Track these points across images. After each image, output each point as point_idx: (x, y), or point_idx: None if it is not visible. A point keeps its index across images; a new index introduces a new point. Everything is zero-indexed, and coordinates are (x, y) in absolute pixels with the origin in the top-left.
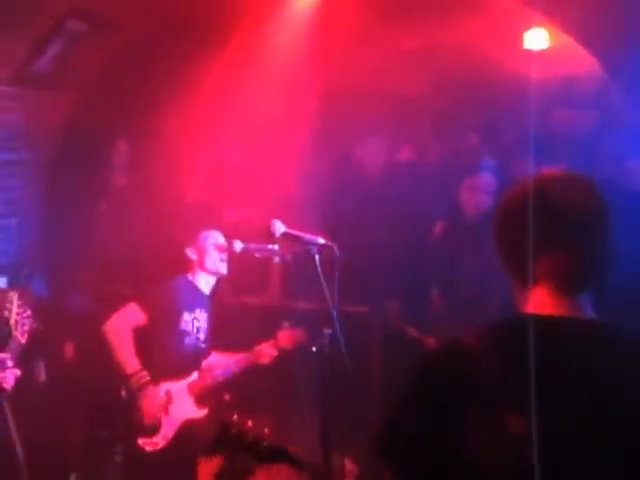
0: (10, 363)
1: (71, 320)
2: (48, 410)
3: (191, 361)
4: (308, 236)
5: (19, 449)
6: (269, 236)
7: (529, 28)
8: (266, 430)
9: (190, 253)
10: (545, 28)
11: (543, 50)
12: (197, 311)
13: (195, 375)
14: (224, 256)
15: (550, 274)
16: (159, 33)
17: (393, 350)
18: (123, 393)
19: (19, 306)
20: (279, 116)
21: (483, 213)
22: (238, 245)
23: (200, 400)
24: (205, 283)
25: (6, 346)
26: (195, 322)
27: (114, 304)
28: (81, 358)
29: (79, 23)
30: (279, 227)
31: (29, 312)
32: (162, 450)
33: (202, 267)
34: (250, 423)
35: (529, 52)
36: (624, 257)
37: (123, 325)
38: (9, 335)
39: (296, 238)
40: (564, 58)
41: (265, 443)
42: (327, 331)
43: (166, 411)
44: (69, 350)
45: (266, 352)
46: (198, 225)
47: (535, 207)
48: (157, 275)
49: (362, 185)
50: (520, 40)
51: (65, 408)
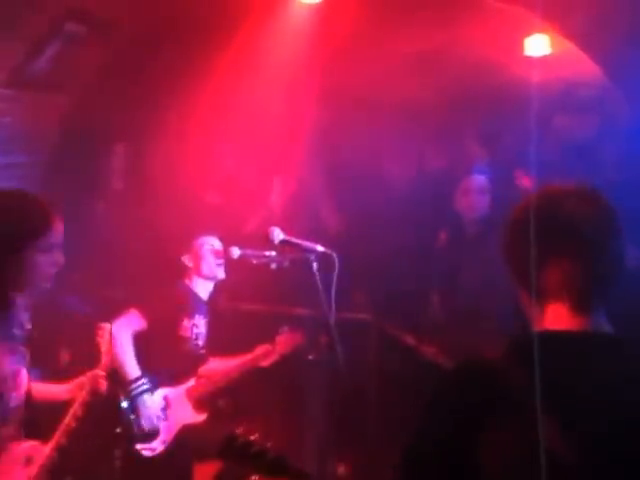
0: None
1: (67, 324)
2: None
3: (190, 367)
4: (307, 243)
5: None
6: (268, 243)
7: (530, 34)
8: (269, 444)
9: (186, 260)
10: (546, 34)
11: (544, 56)
12: (196, 317)
13: (193, 381)
14: (221, 261)
15: (566, 289)
16: (158, 35)
17: (390, 358)
18: (122, 399)
19: None
20: (280, 118)
21: (480, 217)
22: (235, 251)
23: (198, 405)
24: (203, 289)
25: None
26: (194, 328)
27: (110, 309)
28: (77, 363)
29: (77, 25)
30: (278, 234)
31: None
32: (160, 455)
33: (199, 273)
34: (255, 436)
35: (530, 58)
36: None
37: (124, 331)
38: None
39: (295, 245)
40: (565, 64)
41: (269, 456)
42: (324, 339)
43: (165, 416)
44: (64, 355)
45: (265, 355)
46: (195, 230)
47: (548, 222)
48: (154, 280)
49: (364, 192)
50: (521, 46)
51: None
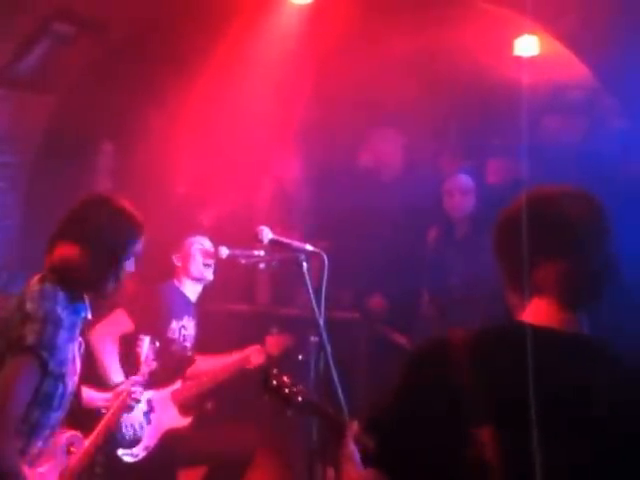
0: None
1: None
2: None
3: (176, 369)
4: (296, 243)
5: None
6: (257, 243)
7: (520, 35)
8: (300, 386)
9: (175, 259)
10: (536, 35)
11: (534, 57)
12: (185, 318)
13: (179, 383)
14: (210, 262)
15: (556, 287)
16: (146, 35)
17: (380, 357)
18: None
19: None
20: (269, 118)
21: (467, 216)
22: (224, 251)
23: (184, 409)
24: (191, 290)
25: None
26: (182, 330)
27: (96, 309)
28: None
29: (65, 25)
30: (267, 234)
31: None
32: (144, 460)
33: (187, 274)
34: (286, 378)
35: (519, 59)
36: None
37: (110, 333)
38: None
39: (284, 245)
40: (555, 65)
41: (299, 398)
42: (314, 339)
43: (148, 420)
44: None
45: (254, 356)
46: (185, 230)
47: (540, 220)
48: (143, 282)
49: (355, 191)
50: (511, 47)
51: None
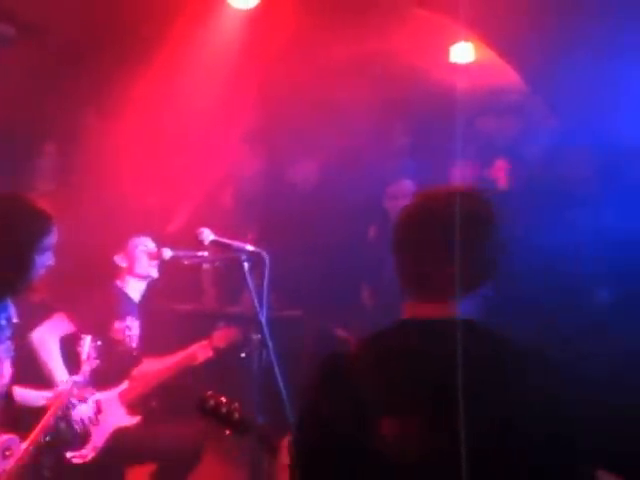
0: None
1: None
2: None
3: (122, 369)
4: (237, 243)
5: None
6: (198, 244)
7: (456, 42)
8: (236, 404)
9: (119, 260)
10: (471, 42)
11: (469, 63)
12: (128, 319)
13: (126, 383)
14: (154, 262)
15: (431, 283)
16: (88, 36)
17: (323, 352)
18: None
19: None
20: (213, 120)
21: None
22: (167, 252)
23: (132, 408)
24: (135, 289)
25: None
26: (126, 330)
27: (39, 313)
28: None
29: (5, 26)
30: (208, 235)
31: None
32: (92, 461)
33: (132, 273)
34: (224, 398)
35: (455, 65)
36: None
37: (50, 335)
38: None
39: (225, 246)
40: (489, 70)
41: (236, 416)
42: (256, 337)
43: (96, 421)
44: None
45: (200, 353)
46: (128, 231)
47: (420, 222)
48: (84, 283)
49: (295, 190)
50: (447, 53)
51: None
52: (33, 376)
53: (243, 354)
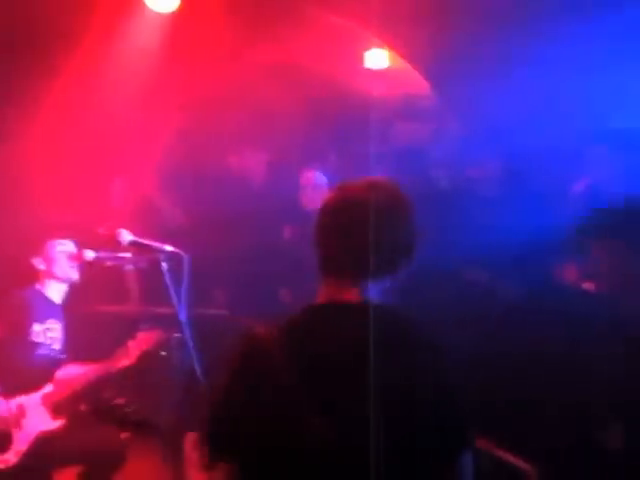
0: None
1: None
2: None
3: (45, 373)
4: (155, 244)
5: None
6: (116, 245)
7: (370, 48)
8: (133, 405)
9: (37, 263)
10: (385, 49)
11: (384, 69)
12: (49, 322)
13: (50, 386)
14: (75, 264)
15: (345, 269)
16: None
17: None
18: None
19: None
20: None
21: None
22: (89, 254)
23: (56, 411)
24: (56, 292)
25: None
26: (48, 333)
27: None
28: None
29: None
30: (126, 235)
31: None
32: (16, 465)
33: (51, 276)
34: (121, 400)
35: (370, 71)
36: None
37: None
38: None
39: (143, 246)
40: (404, 76)
41: (131, 418)
42: (176, 335)
43: (18, 425)
44: None
45: (125, 355)
46: (47, 234)
47: (335, 211)
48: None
49: (216, 193)
50: (362, 59)
51: None
52: None
53: (164, 352)
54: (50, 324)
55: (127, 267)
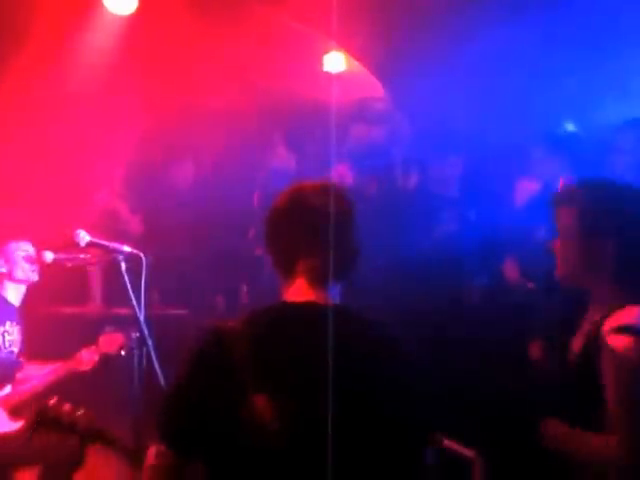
0: None
1: None
2: None
3: (3, 375)
4: (113, 245)
5: None
6: (74, 246)
7: (327, 52)
8: (82, 412)
9: None
10: (342, 52)
11: (342, 72)
12: (7, 324)
13: (9, 389)
14: (34, 267)
15: (306, 270)
16: None
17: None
18: None
19: None
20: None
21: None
22: (49, 255)
23: (14, 413)
24: (14, 294)
25: None
26: (6, 335)
27: None
28: None
29: None
30: (84, 236)
31: None
32: None
33: (11, 278)
34: (67, 407)
35: (328, 74)
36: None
37: None
38: None
39: (102, 247)
40: (361, 80)
41: (81, 426)
42: (135, 335)
43: None
44: None
45: (86, 358)
46: (4, 236)
47: (293, 213)
48: None
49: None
50: (320, 62)
51: None
52: None
53: (123, 352)
54: (8, 326)
55: (89, 268)
